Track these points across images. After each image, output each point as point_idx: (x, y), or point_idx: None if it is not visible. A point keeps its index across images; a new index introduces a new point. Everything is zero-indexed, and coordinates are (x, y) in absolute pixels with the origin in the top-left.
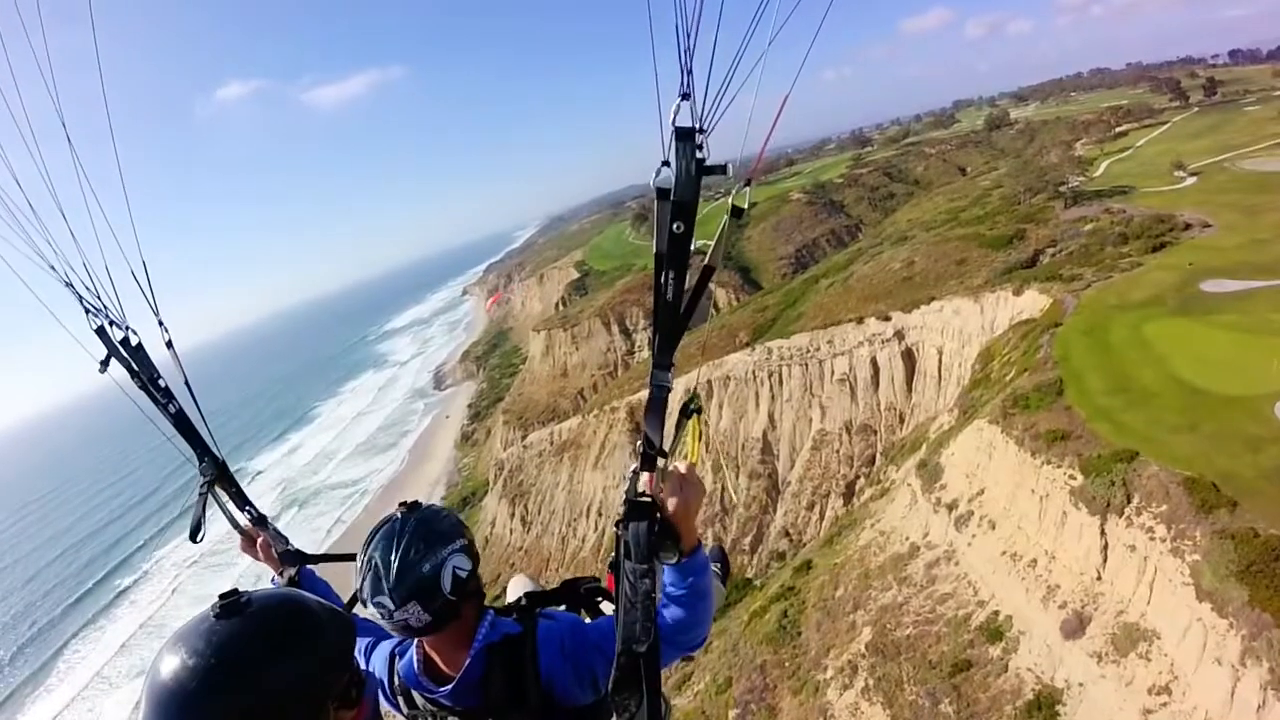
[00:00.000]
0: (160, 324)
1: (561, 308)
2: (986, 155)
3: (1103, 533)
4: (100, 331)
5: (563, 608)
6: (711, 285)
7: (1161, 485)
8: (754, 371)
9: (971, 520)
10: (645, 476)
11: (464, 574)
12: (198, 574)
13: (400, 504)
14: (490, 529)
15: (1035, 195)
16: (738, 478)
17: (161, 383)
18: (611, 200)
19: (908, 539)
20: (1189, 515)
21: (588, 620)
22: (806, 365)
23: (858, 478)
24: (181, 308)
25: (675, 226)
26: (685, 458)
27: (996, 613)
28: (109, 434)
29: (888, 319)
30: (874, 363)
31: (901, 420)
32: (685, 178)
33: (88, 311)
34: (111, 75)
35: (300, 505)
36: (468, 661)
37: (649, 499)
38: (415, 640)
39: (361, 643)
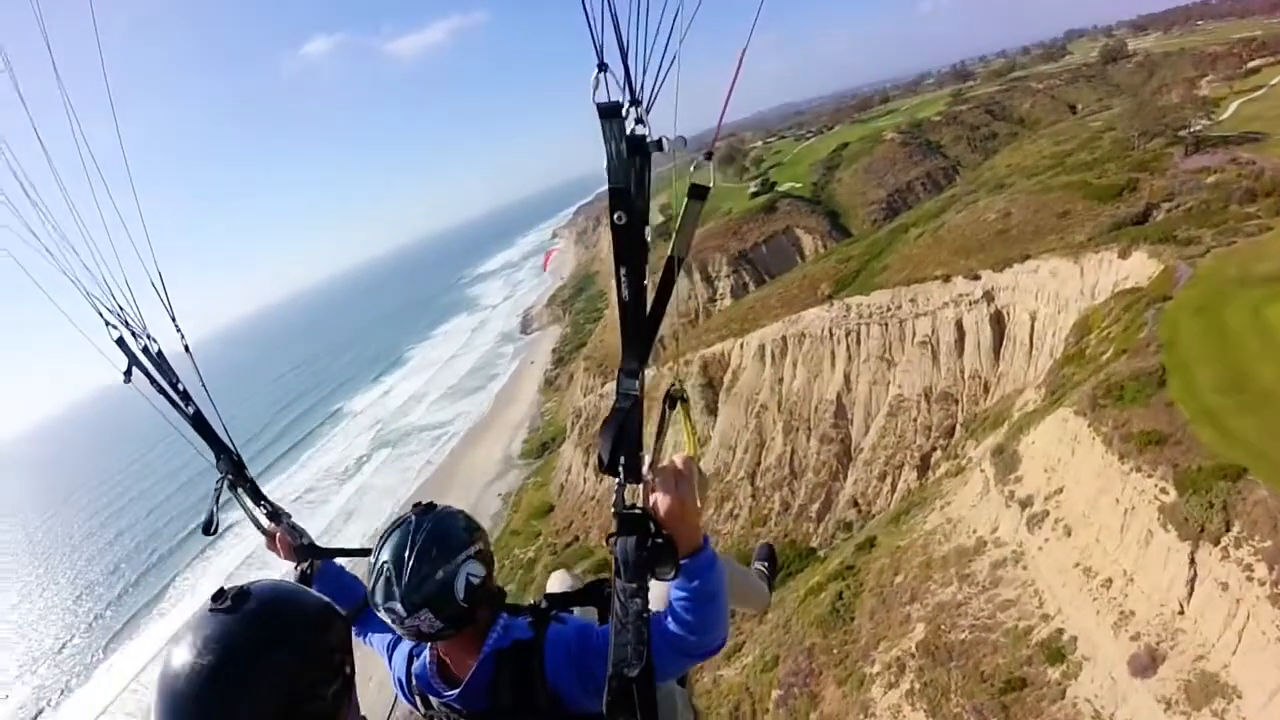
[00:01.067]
0: (178, 329)
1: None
2: (1100, 91)
3: (1192, 561)
4: (120, 342)
5: (576, 611)
6: (685, 270)
7: (1270, 515)
8: (831, 329)
9: (1045, 522)
10: (632, 489)
11: (477, 581)
12: (297, 509)
13: (414, 505)
14: (566, 476)
15: (1151, 140)
16: (808, 441)
17: (180, 386)
18: (700, 139)
19: (975, 532)
20: None
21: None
22: (886, 325)
23: (934, 449)
24: (278, 258)
25: (616, 217)
26: (669, 451)
27: (1061, 631)
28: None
29: (977, 278)
30: (959, 326)
31: (986, 390)
32: (617, 160)
33: (107, 324)
34: (199, 36)
35: (391, 445)
36: (475, 666)
37: (639, 511)
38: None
39: (383, 639)
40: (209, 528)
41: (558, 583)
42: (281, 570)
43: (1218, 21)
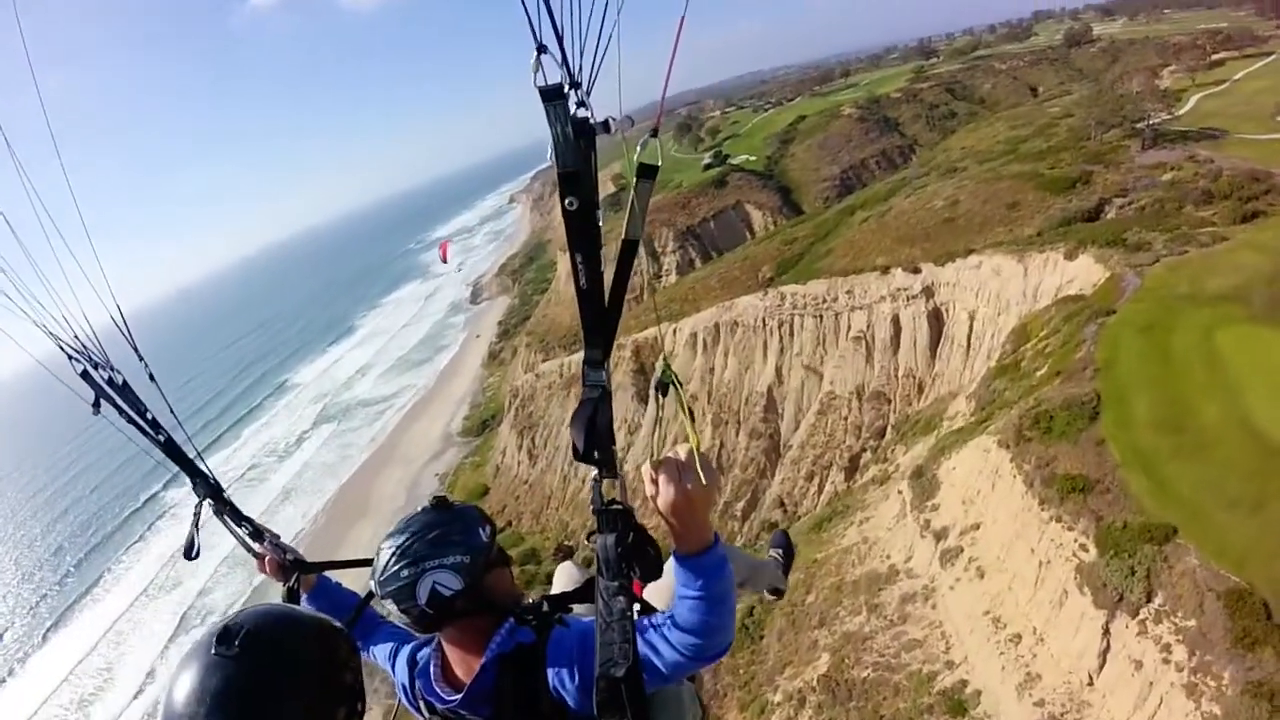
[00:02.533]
0: (141, 359)
1: None
2: (1062, 75)
3: (1106, 631)
4: (85, 375)
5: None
6: (638, 254)
7: (1196, 589)
8: (764, 319)
9: (959, 559)
10: (610, 483)
11: (446, 592)
12: (239, 489)
13: (432, 498)
14: (501, 458)
15: (1109, 130)
16: (737, 435)
17: (149, 415)
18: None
19: (889, 557)
20: (1222, 645)
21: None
22: (821, 317)
23: (864, 450)
24: (220, 221)
25: (568, 203)
26: (664, 443)
27: (965, 682)
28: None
29: (917, 271)
30: (895, 321)
31: (920, 390)
32: (564, 143)
33: (71, 358)
34: None
35: (335, 420)
36: (478, 671)
37: (619, 506)
38: (435, 645)
39: (384, 649)
40: (190, 553)
41: (564, 576)
42: (227, 545)
43: (1185, 11)
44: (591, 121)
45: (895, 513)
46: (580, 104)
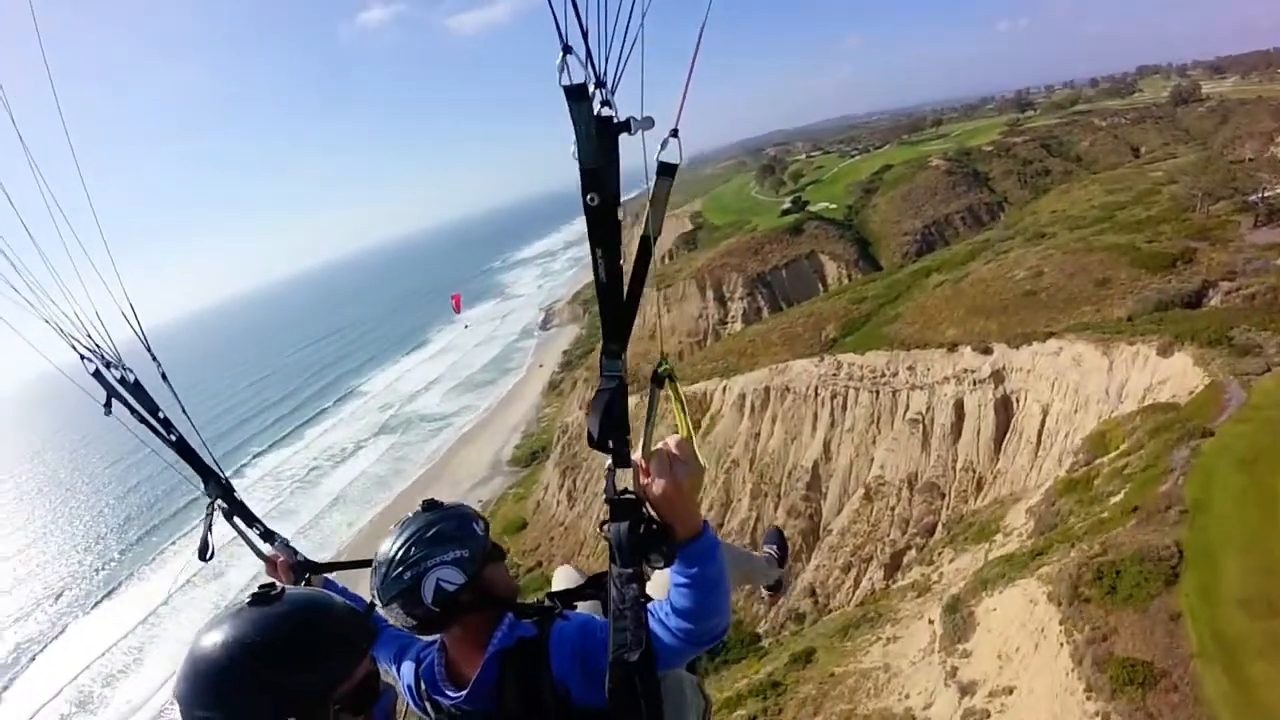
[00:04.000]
0: (154, 359)
1: (667, 261)
2: (1167, 136)
3: None
4: (97, 374)
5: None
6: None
7: None
8: (817, 387)
9: None
10: (623, 473)
11: (450, 587)
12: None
13: (422, 501)
14: (543, 494)
15: (1216, 202)
16: (775, 510)
17: (161, 414)
18: (754, 145)
19: (907, 698)
20: None
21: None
22: (878, 393)
23: (909, 547)
24: (319, 224)
25: (589, 198)
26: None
27: None
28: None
29: (988, 351)
30: (959, 406)
31: (979, 487)
32: (587, 141)
33: (83, 357)
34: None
35: (395, 432)
36: (481, 666)
37: (631, 496)
38: (439, 644)
39: (389, 651)
40: (204, 553)
41: (563, 578)
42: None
43: None
44: (614, 120)
45: (923, 645)
46: (605, 103)
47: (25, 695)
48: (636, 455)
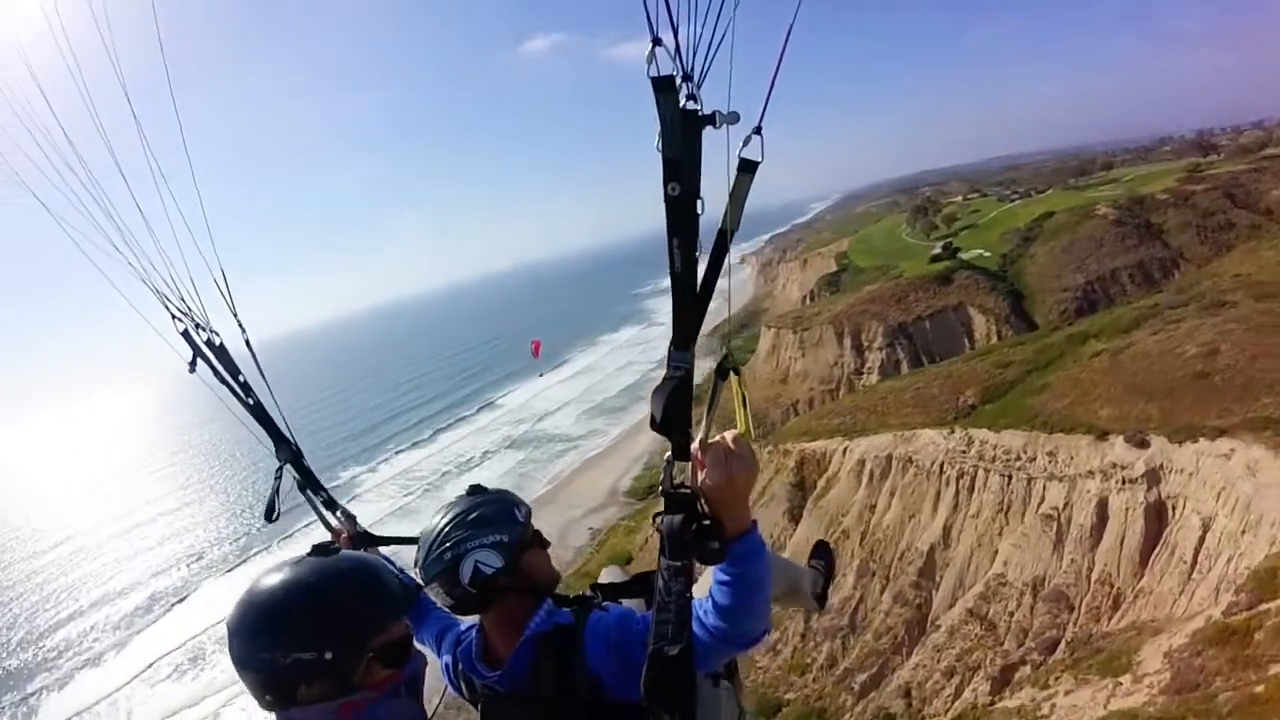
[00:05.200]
0: (240, 326)
1: (808, 302)
2: None
3: None
4: (186, 335)
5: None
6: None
7: None
8: (943, 464)
9: None
10: (681, 466)
11: (488, 570)
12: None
13: (468, 486)
14: (651, 531)
15: None
16: (881, 594)
17: (241, 378)
18: (907, 183)
19: None
20: None
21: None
22: (1010, 478)
23: (1023, 663)
24: (481, 239)
25: (670, 188)
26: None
27: None
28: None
29: (1143, 445)
30: (1103, 507)
31: (1116, 605)
32: (671, 133)
33: (174, 318)
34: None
35: (521, 448)
36: (516, 648)
37: (687, 490)
38: (477, 626)
39: (431, 631)
40: (269, 514)
41: (609, 575)
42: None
43: None
44: (699, 113)
45: None
46: (691, 96)
47: (151, 644)
48: (694, 448)
